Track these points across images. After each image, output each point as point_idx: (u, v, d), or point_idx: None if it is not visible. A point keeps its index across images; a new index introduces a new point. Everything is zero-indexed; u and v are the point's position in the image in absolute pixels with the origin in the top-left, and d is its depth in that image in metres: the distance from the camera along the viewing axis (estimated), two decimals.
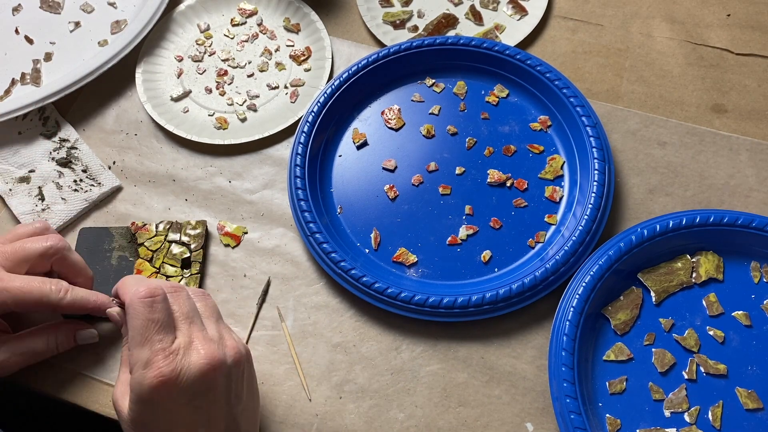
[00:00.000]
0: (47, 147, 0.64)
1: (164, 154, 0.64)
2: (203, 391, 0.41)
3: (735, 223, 0.54)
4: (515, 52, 0.62)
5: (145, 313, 0.41)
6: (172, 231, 0.58)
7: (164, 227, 0.59)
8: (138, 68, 0.67)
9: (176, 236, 0.58)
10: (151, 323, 0.41)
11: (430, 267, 0.57)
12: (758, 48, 0.65)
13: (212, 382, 0.41)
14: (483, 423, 0.51)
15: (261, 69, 0.68)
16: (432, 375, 0.53)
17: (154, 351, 0.40)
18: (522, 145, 0.61)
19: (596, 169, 0.57)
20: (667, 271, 0.54)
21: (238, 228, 0.60)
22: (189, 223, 0.59)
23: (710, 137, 0.61)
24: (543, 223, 0.58)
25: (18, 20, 0.72)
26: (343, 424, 0.52)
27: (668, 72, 0.65)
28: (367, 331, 0.55)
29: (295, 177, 0.59)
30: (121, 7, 0.72)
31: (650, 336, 0.52)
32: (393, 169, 0.61)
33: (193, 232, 0.58)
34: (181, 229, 0.58)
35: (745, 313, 0.53)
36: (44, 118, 0.66)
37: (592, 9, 0.69)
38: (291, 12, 0.70)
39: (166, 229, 0.59)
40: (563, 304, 0.52)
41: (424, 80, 0.65)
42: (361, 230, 0.59)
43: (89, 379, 0.54)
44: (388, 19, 0.69)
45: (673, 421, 0.50)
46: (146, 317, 0.41)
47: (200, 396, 0.41)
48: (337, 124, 0.63)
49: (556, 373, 0.50)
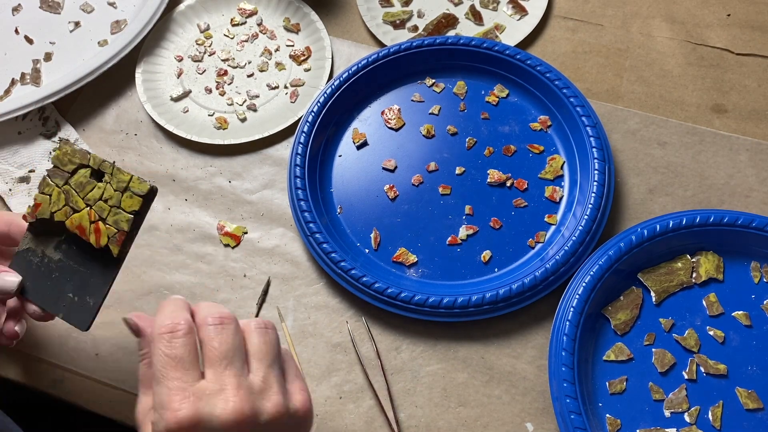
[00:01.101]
0: (47, 147, 0.64)
1: (164, 154, 0.64)
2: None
3: (735, 223, 0.54)
4: (515, 52, 0.62)
5: (161, 347, 0.37)
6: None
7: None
8: (138, 68, 0.67)
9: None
10: (168, 359, 0.37)
11: (430, 267, 0.57)
12: (758, 48, 0.65)
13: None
14: (483, 423, 0.51)
15: (261, 69, 0.68)
16: (432, 375, 0.53)
17: (171, 390, 0.36)
18: (522, 145, 0.61)
19: (596, 169, 0.57)
20: (667, 271, 0.54)
21: (238, 228, 0.60)
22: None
23: (710, 137, 0.61)
24: (543, 223, 0.58)
25: (18, 20, 0.72)
26: (343, 424, 0.52)
27: (668, 72, 0.65)
28: (367, 331, 0.55)
29: (295, 177, 0.59)
30: (121, 7, 0.72)
31: (650, 336, 0.52)
32: (393, 169, 0.61)
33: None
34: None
35: (745, 313, 0.53)
36: (44, 118, 0.66)
37: (592, 9, 0.69)
38: (291, 12, 0.70)
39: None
40: (563, 304, 0.52)
41: (424, 80, 0.65)
42: (361, 230, 0.59)
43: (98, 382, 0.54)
44: (388, 19, 0.69)
45: (673, 421, 0.50)
46: (163, 352, 0.37)
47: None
48: (337, 124, 0.63)
49: (556, 373, 0.50)
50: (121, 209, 0.45)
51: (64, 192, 0.46)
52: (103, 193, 0.45)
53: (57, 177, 0.46)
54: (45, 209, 0.46)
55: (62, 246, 0.47)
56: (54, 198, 0.46)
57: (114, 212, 0.45)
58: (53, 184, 0.46)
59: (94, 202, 0.46)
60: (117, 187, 0.45)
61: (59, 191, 0.46)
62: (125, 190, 0.45)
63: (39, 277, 0.47)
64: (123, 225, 0.45)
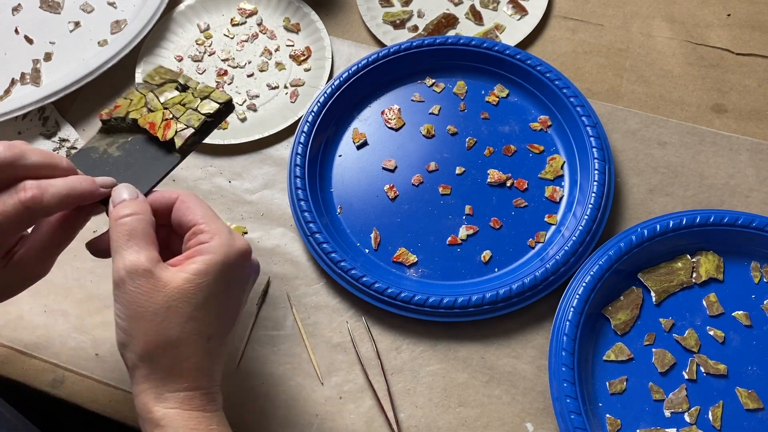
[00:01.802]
0: (47, 147, 0.64)
1: None
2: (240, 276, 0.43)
3: (735, 223, 0.54)
4: (515, 52, 0.62)
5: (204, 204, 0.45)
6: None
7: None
8: (138, 68, 0.67)
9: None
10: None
11: (430, 267, 0.57)
12: (758, 48, 0.65)
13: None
14: (483, 423, 0.51)
15: (261, 69, 0.68)
16: (432, 375, 0.53)
17: (227, 227, 0.43)
18: (522, 145, 0.61)
19: (596, 169, 0.57)
20: (667, 271, 0.54)
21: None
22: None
23: (710, 137, 0.61)
24: (543, 223, 0.58)
25: (18, 20, 0.72)
26: (343, 424, 0.52)
27: (668, 72, 0.65)
28: (367, 331, 0.55)
29: (295, 177, 0.59)
30: (120, 7, 0.72)
31: (650, 336, 0.52)
32: (393, 169, 0.61)
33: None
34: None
35: (745, 313, 0.53)
36: (44, 118, 0.66)
37: (592, 9, 0.69)
38: (291, 12, 0.70)
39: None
40: (563, 304, 0.52)
41: (424, 80, 0.65)
42: (361, 230, 0.59)
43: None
44: (388, 18, 0.69)
45: (673, 421, 0.50)
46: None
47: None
48: (337, 124, 0.63)
49: (557, 373, 0.50)
50: (196, 111, 0.49)
51: (147, 98, 0.50)
52: (183, 99, 0.50)
53: (143, 87, 0.51)
54: (122, 110, 0.50)
55: (125, 146, 0.49)
56: (135, 101, 0.50)
57: (189, 113, 0.49)
58: (139, 92, 0.50)
59: (171, 105, 0.49)
60: (198, 94, 0.50)
61: (141, 95, 0.50)
62: (205, 98, 0.50)
63: (90, 169, 0.48)
64: (194, 122, 0.49)
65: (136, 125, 0.49)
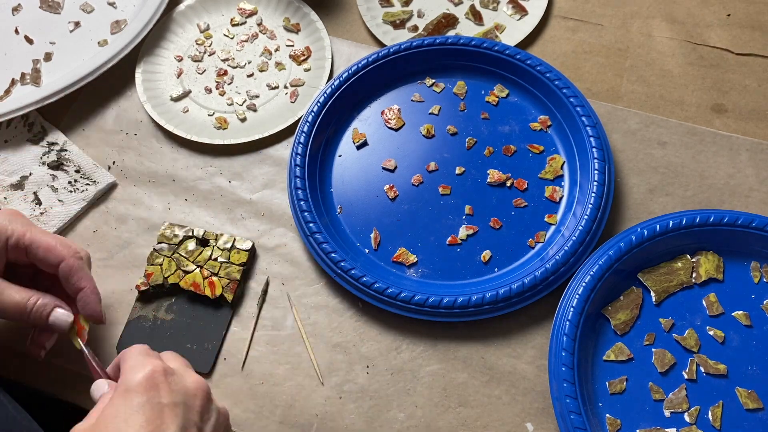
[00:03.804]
0: (36, 152, 0.64)
1: (164, 154, 0.64)
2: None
3: (735, 223, 0.54)
4: (515, 52, 0.62)
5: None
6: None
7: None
8: (138, 68, 0.67)
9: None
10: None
11: (430, 267, 0.57)
12: (758, 48, 0.65)
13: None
14: (483, 423, 0.51)
15: (261, 69, 0.68)
16: (432, 375, 0.53)
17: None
18: (522, 145, 0.61)
19: (596, 169, 0.57)
20: (667, 271, 0.54)
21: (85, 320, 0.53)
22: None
23: (710, 137, 0.61)
24: (543, 223, 0.58)
25: (18, 20, 0.72)
26: (343, 424, 0.52)
27: (668, 72, 0.65)
28: (367, 331, 0.55)
29: (295, 177, 0.59)
30: (120, 7, 0.72)
31: (650, 336, 0.52)
32: (393, 169, 0.61)
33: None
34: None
35: (745, 313, 0.53)
36: (29, 124, 0.65)
37: (592, 9, 0.69)
38: (291, 12, 0.70)
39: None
40: (563, 304, 0.52)
41: (424, 80, 0.65)
42: (361, 230, 0.59)
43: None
44: (388, 18, 0.69)
45: (673, 421, 0.50)
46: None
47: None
48: (337, 124, 0.63)
49: (556, 373, 0.50)
50: (231, 263, 0.56)
51: (174, 260, 0.56)
52: (211, 254, 0.57)
53: (165, 249, 0.57)
54: (158, 276, 0.56)
55: (173, 307, 0.56)
56: (165, 266, 0.56)
57: (225, 267, 0.56)
58: (162, 255, 0.57)
59: (204, 262, 0.56)
60: (223, 247, 0.57)
61: (169, 260, 0.57)
62: (231, 249, 0.57)
63: (155, 337, 0.55)
64: (235, 275, 0.56)
65: (177, 287, 0.56)
